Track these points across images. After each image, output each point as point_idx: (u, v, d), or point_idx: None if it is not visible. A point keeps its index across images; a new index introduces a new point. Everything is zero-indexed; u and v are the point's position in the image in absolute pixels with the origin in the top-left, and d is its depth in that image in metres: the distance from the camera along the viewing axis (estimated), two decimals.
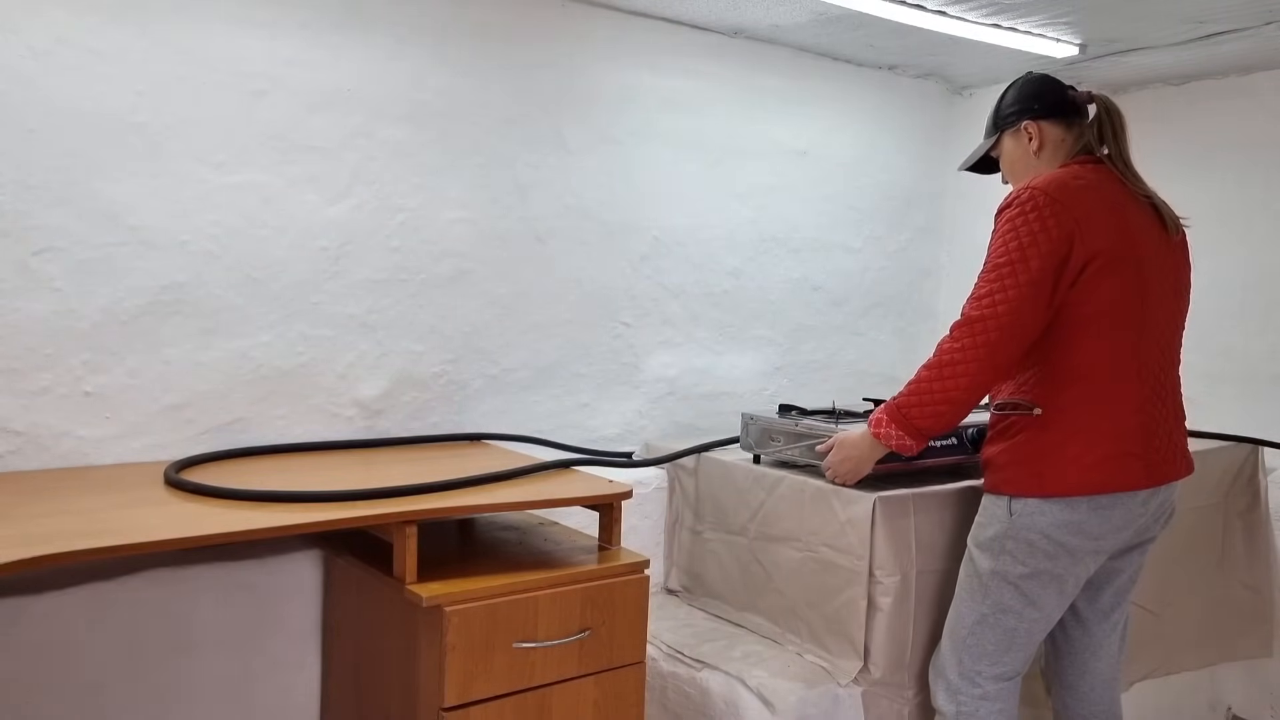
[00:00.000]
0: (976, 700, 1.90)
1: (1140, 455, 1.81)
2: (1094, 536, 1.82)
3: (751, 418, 2.38)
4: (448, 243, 2.32)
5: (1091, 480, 1.79)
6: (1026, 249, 1.75)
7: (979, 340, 1.76)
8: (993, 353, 1.75)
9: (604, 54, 2.53)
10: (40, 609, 1.84)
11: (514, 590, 1.71)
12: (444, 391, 2.34)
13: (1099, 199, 1.81)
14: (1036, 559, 1.82)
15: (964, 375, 1.76)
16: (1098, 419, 1.80)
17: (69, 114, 1.85)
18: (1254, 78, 3.00)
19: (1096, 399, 1.80)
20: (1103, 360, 1.80)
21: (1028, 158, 1.98)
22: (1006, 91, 2.05)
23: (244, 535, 1.51)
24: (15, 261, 1.83)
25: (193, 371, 2.01)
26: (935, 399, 1.80)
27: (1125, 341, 1.81)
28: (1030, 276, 1.74)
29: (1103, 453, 1.79)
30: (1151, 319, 1.85)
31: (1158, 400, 1.86)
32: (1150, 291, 1.84)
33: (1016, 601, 1.85)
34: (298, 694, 2.13)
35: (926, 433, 1.84)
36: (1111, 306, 1.79)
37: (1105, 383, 1.80)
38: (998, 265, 1.78)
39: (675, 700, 2.15)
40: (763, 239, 2.88)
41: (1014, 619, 1.86)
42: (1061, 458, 1.79)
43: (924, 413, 1.82)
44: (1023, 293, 1.74)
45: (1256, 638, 2.70)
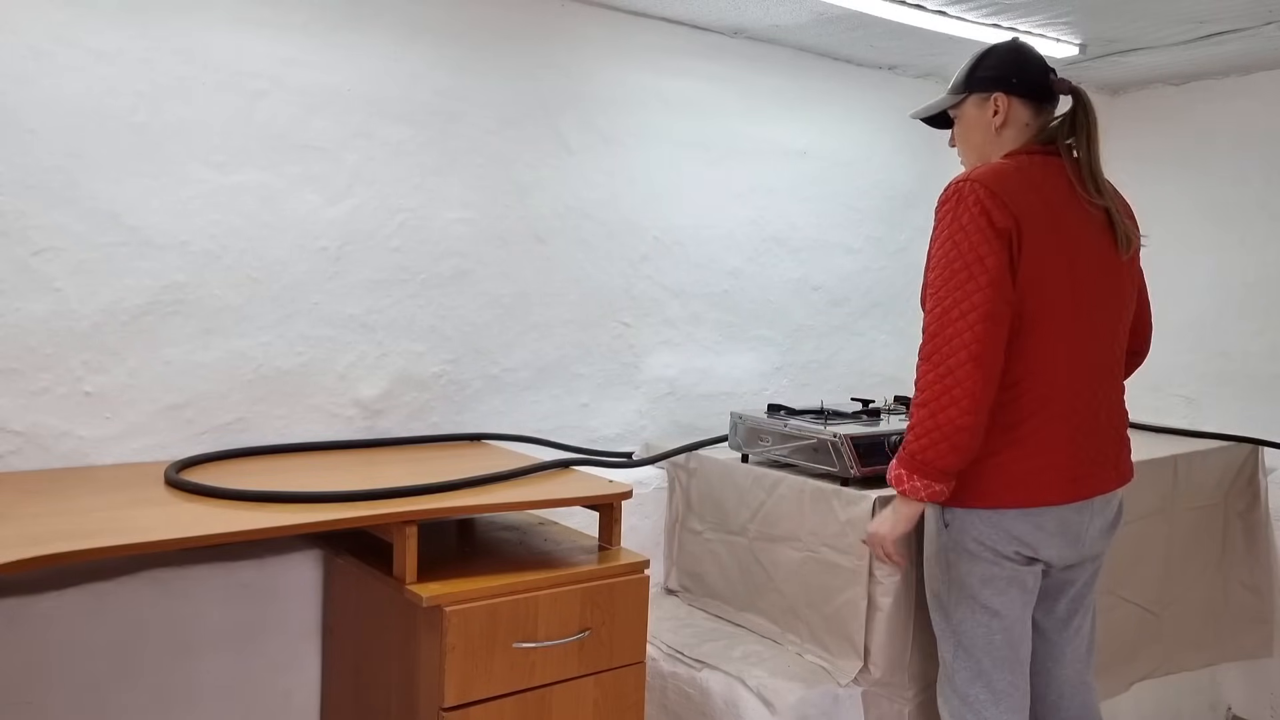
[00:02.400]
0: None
1: (1066, 468, 1.74)
2: (1029, 543, 1.76)
3: (740, 417, 2.39)
4: (448, 243, 2.32)
5: (1016, 494, 1.73)
6: (978, 246, 1.66)
7: (962, 356, 1.65)
8: (980, 364, 1.64)
9: (604, 54, 2.53)
10: (40, 609, 1.84)
11: (514, 590, 1.71)
12: (444, 391, 2.34)
13: (1037, 199, 1.71)
14: (981, 566, 1.77)
15: (963, 396, 1.65)
16: (1025, 431, 1.73)
17: (69, 114, 1.86)
18: (1254, 78, 3.00)
19: (1025, 410, 1.73)
20: (1031, 371, 1.72)
21: (987, 131, 1.87)
22: (988, 53, 1.89)
23: (244, 535, 1.51)
24: (15, 261, 1.83)
25: (193, 371, 2.01)
26: (946, 432, 1.66)
27: (1055, 352, 1.73)
28: (990, 275, 1.65)
29: (1029, 466, 1.72)
30: (1085, 330, 1.76)
31: (1090, 412, 1.78)
32: (1085, 301, 1.75)
33: (979, 614, 1.79)
34: (298, 694, 2.13)
35: (953, 471, 1.69)
36: (1041, 314, 1.71)
37: (1034, 394, 1.73)
38: (953, 271, 1.67)
39: (675, 700, 2.15)
40: (763, 239, 2.88)
41: (984, 632, 1.79)
42: (987, 470, 1.73)
43: (941, 451, 1.67)
44: (988, 294, 1.65)
45: (1256, 638, 2.70)
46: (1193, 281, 3.17)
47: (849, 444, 2.11)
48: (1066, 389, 1.74)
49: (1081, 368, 1.76)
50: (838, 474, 2.12)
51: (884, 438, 2.16)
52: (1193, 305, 3.18)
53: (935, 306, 1.70)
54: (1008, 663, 1.81)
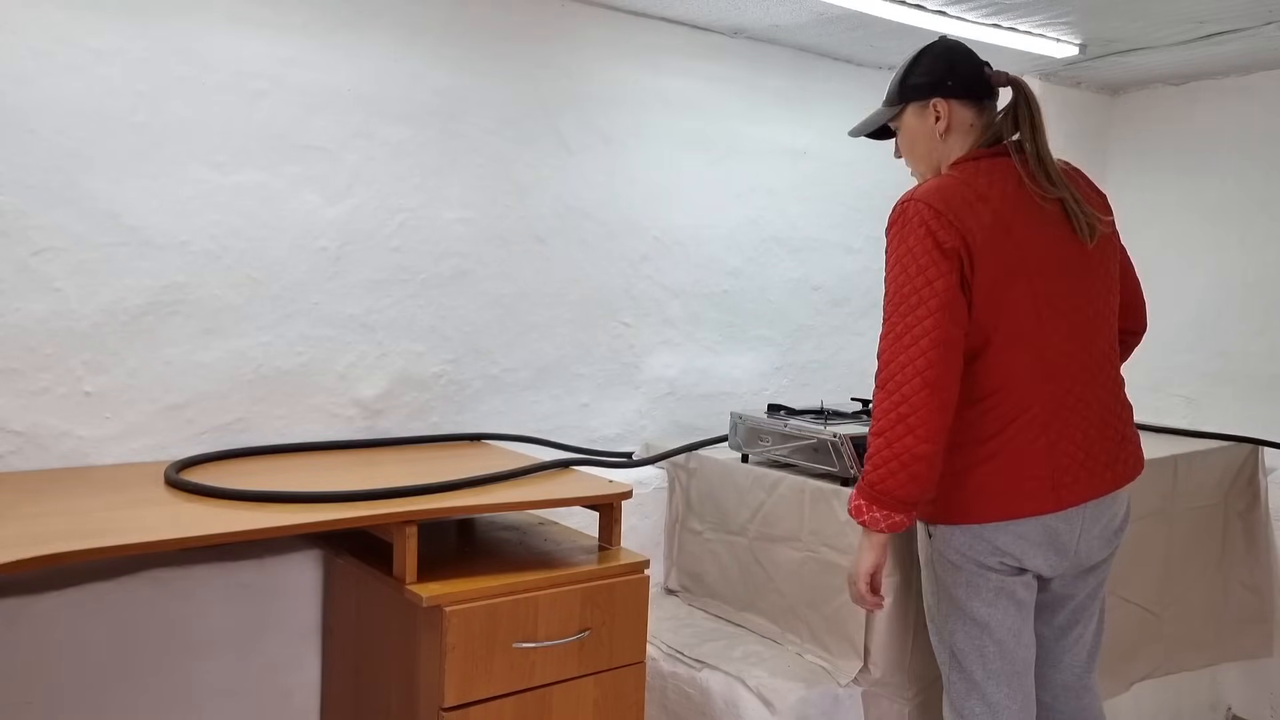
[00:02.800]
0: None
1: (1046, 477, 1.68)
2: (1012, 553, 1.71)
3: (740, 417, 2.39)
4: (448, 243, 2.32)
5: (995, 507, 1.68)
6: (926, 269, 1.62)
7: (916, 384, 1.60)
8: (935, 391, 1.60)
9: (604, 54, 2.53)
10: (40, 609, 1.84)
11: (514, 590, 1.71)
12: (444, 391, 2.34)
13: (986, 210, 1.65)
14: (964, 576, 1.74)
15: (918, 424, 1.60)
16: (1000, 443, 1.68)
17: (69, 114, 1.86)
18: (1254, 78, 3.00)
19: (998, 423, 1.68)
20: (1002, 384, 1.68)
21: (931, 138, 1.82)
22: (918, 59, 1.85)
23: (244, 535, 1.52)
24: (15, 261, 1.83)
25: (193, 371, 2.01)
26: (903, 461, 1.61)
27: (1023, 361, 1.67)
28: (940, 299, 1.61)
29: (1008, 478, 1.68)
30: (1058, 333, 1.70)
31: (1074, 416, 1.72)
32: (1053, 304, 1.69)
33: (971, 627, 1.75)
34: (298, 694, 2.13)
35: (912, 500, 1.64)
36: (1004, 326, 1.66)
37: (1007, 405, 1.68)
38: (904, 296, 1.64)
39: (675, 700, 2.15)
40: (763, 239, 2.88)
41: (975, 643, 1.75)
42: (966, 485, 1.69)
43: (899, 481, 1.62)
44: (938, 318, 1.60)
45: (1256, 638, 2.70)
46: (1193, 281, 3.17)
47: (849, 444, 2.10)
48: (1042, 396, 1.68)
49: (1058, 372, 1.70)
50: (838, 474, 2.12)
51: None
52: (1193, 305, 3.17)
53: (888, 333, 1.67)
54: (1003, 675, 1.75)
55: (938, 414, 1.61)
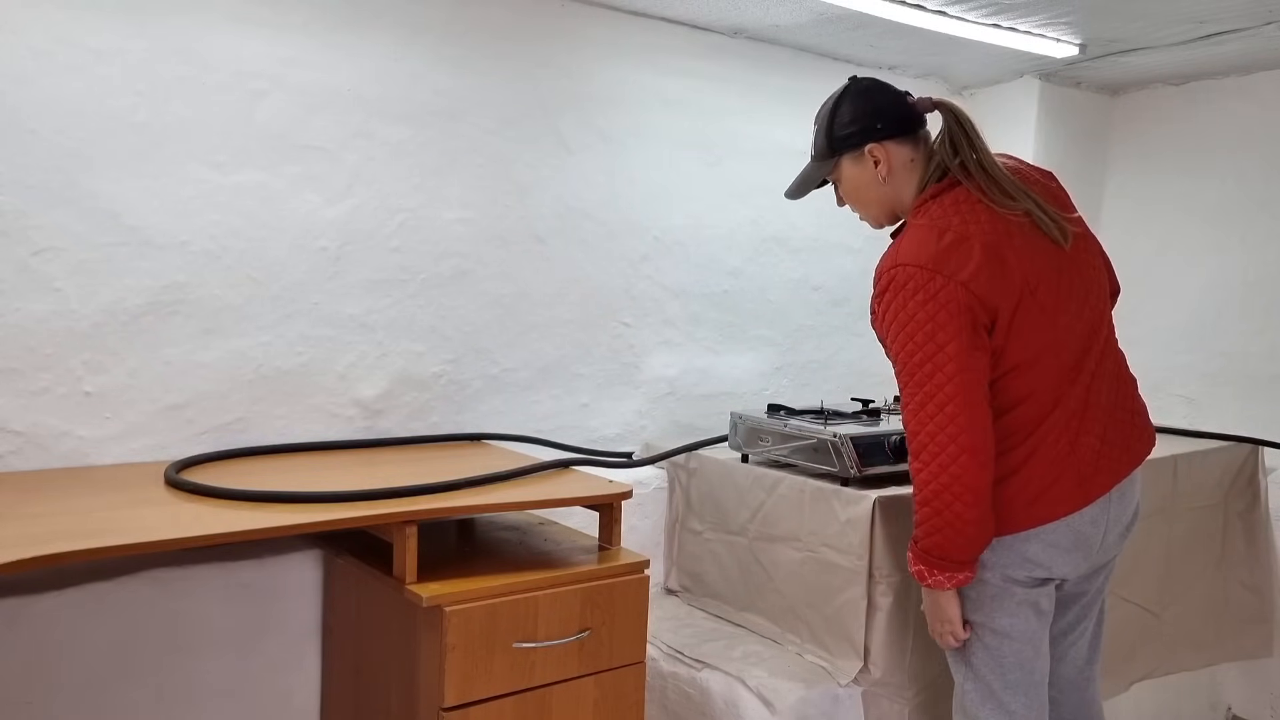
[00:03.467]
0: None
1: (1071, 474, 1.71)
2: (1042, 564, 1.73)
3: (740, 417, 2.39)
4: (448, 243, 2.32)
5: (1025, 517, 1.70)
6: (934, 335, 1.61)
7: (952, 451, 1.61)
8: (974, 454, 1.60)
9: (604, 54, 2.53)
10: (40, 609, 1.84)
11: (514, 590, 1.71)
12: (444, 391, 2.34)
13: (977, 248, 1.64)
14: (990, 589, 1.74)
15: (964, 491, 1.61)
16: (1023, 456, 1.69)
17: (69, 114, 1.86)
18: (1254, 78, 3.00)
19: (1019, 438, 1.69)
20: (1023, 397, 1.68)
21: (875, 184, 1.82)
22: (838, 106, 1.84)
23: (244, 535, 1.52)
24: (15, 261, 1.83)
25: (193, 371, 2.01)
26: (956, 528, 1.63)
27: (1041, 373, 1.69)
28: (956, 363, 1.60)
29: (1035, 487, 1.69)
30: (1068, 335, 1.71)
31: (1088, 409, 1.73)
32: (1058, 311, 1.70)
33: (991, 638, 1.76)
34: (298, 694, 2.13)
35: (970, 561, 1.67)
36: (1022, 348, 1.67)
37: (1025, 419, 1.69)
38: (916, 365, 1.64)
39: (675, 700, 2.15)
40: (763, 239, 2.88)
41: (996, 655, 1.76)
42: (996, 501, 1.68)
43: (955, 546, 1.65)
44: (958, 382, 1.60)
45: (1256, 638, 2.70)
46: (1193, 281, 3.16)
47: (849, 444, 2.11)
48: (1060, 401, 1.70)
49: (1072, 374, 1.72)
50: (838, 474, 2.12)
51: (884, 437, 2.16)
52: (1193, 305, 3.17)
53: (908, 403, 1.66)
54: (1020, 685, 1.76)
55: (979, 474, 1.61)
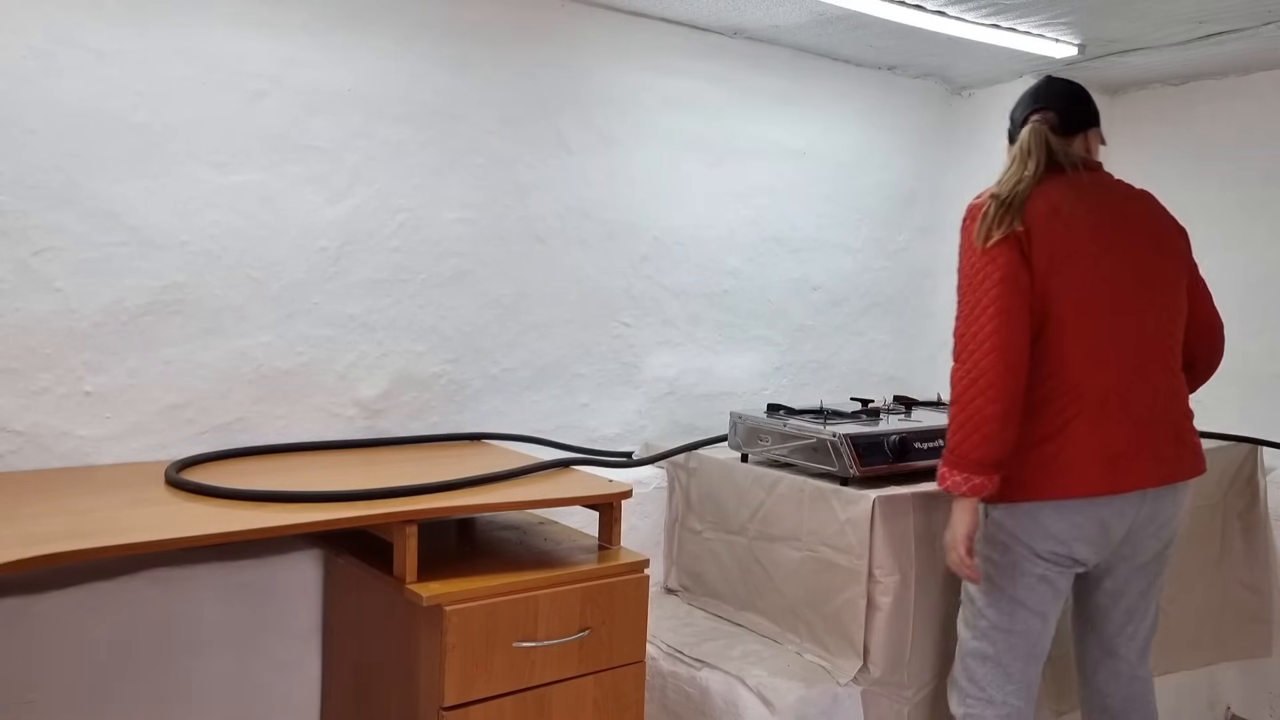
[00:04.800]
0: (983, 705, 1.90)
1: (1101, 460, 1.78)
2: (1064, 540, 1.81)
3: (740, 417, 2.39)
4: (448, 243, 2.32)
5: (1052, 485, 1.79)
6: (990, 250, 1.78)
7: (984, 349, 1.75)
8: (1003, 353, 1.74)
9: (604, 54, 2.53)
10: (40, 609, 1.84)
11: (514, 590, 1.71)
12: (444, 391, 2.34)
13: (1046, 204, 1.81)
14: (1013, 559, 1.85)
15: (988, 386, 1.74)
16: (1059, 425, 1.79)
17: (69, 114, 1.86)
18: (1254, 78, 3.01)
19: (1057, 405, 1.79)
20: (1058, 368, 1.79)
21: None
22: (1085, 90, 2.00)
23: (244, 535, 1.52)
24: (15, 261, 1.83)
25: (193, 371, 2.02)
26: (976, 423, 1.76)
27: (1080, 348, 1.79)
28: (1003, 272, 1.76)
29: (1065, 458, 1.78)
30: (1114, 324, 1.81)
31: (1128, 406, 1.81)
32: (1115, 294, 1.81)
33: (1007, 605, 1.87)
34: (298, 694, 2.13)
35: (986, 462, 1.76)
36: (1066, 313, 1.79)
37: (1066, 388, 1.79)
38: (970, 275, 1.80)
39: (675, 699, 2.15)
40: (763, 239, 2.89)
41: (1008, 622, 1.87)
42: (1025, 464, 1.80)
43: (974, 442, 1.76)
44: (1001, 289, 1.76)
45: (1256, 638, 2.70)
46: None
47: (849, 443, 2.11)
48: (1097, 384, 1.79)
49: (1114, 364, 1.81)
50: (837, 474, 2.13)
51: (883, 437, 2.16)
52: None
53: (959, 312, 1.83)
54: (1023, 653, 1.88)
55: (1006, 375, 1.74)
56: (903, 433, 2.20)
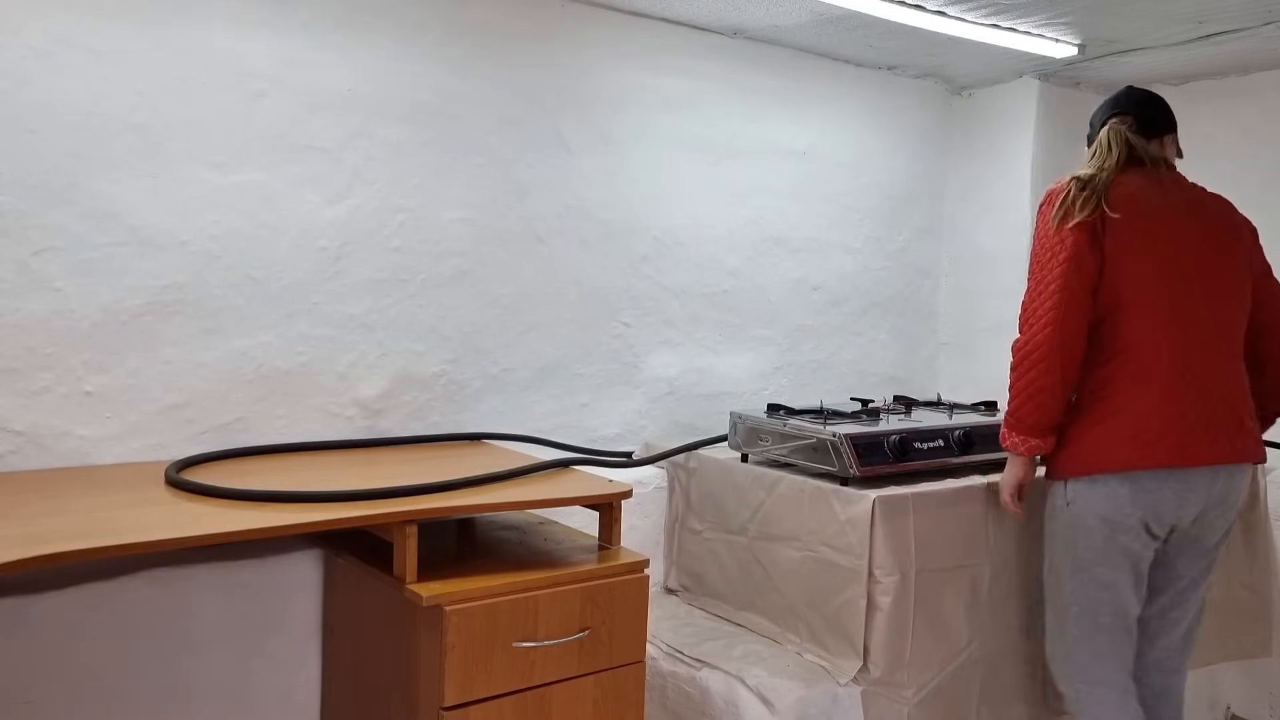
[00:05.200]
0: (1088, 685, 2.00)
1: (1166, 433, 1.89)
2: (1135, 513, 1.91)
3: (740, 417, 2.39)
4: (448, 243, 2.32)
5: (1121, 456, 1.90)
6: (1062, 231, 1.91)
7: (1043, 321, 1.89)
8: (1058, 329, 1.88)
9: (604, 54, 2.53)
10: (40, 609, 1.84)
11: (514, 590, 1.71)
12: (444, 391, 2.34)
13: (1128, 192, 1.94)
14: (1097, 540, 1.94)
15: (1041, 359, 1.90)
16: (1126, 400, 1.92)
17: (69, 114, 1.86)
18: (1253, 78, 3.01)
19: (1125, 382, 1.92)
20: (1128, 345, 1.92)
21: None
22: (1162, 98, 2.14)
23: (244, 535, 1.52)
24: (15, 261, 1.83)
25: (193, 371, 2.02)
26: (1030, 392, 1.92)
27: (1150, 329, 1.91)
28: (1069, 253, 1.89)
29: (1130, 430, 1.90)
30: (1191, 307, 1.93)
31: (1197, 387, 1.92)
32: (1185, 280, 1.93)
33: (1092, 585, 1.96)
34: (298, 693, 2.13)
35: (1042, 426, 1.94)
36: (1137, 294, 1.91)
37: (1134, 365, 1.92)
38: (1040, 254, 1.94)
39: (675, 699, 2.15)
40: (763, 239, 2.89)
41: (1095, 601, 1.97)
42: (1096, 437, 1.93)
43: (1029, 409, 1.93)
44: (1065, 267, 1.88)
45: (1256, 637, 2.70)
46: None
47: (849, 443, 2.11)
48: (1166, 363, 1.91)
49: (1182, 347, 1.92)
50: (837, 474, 2.13)
51: (883, 437, 2.17)
52: None
53: (1027, 287, 1.96)
54: (1115, 630, 1.98)
55: (1061, 350, 1.89)
56: (903, 433, 2.20)
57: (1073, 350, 1.91)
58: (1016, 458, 2.01)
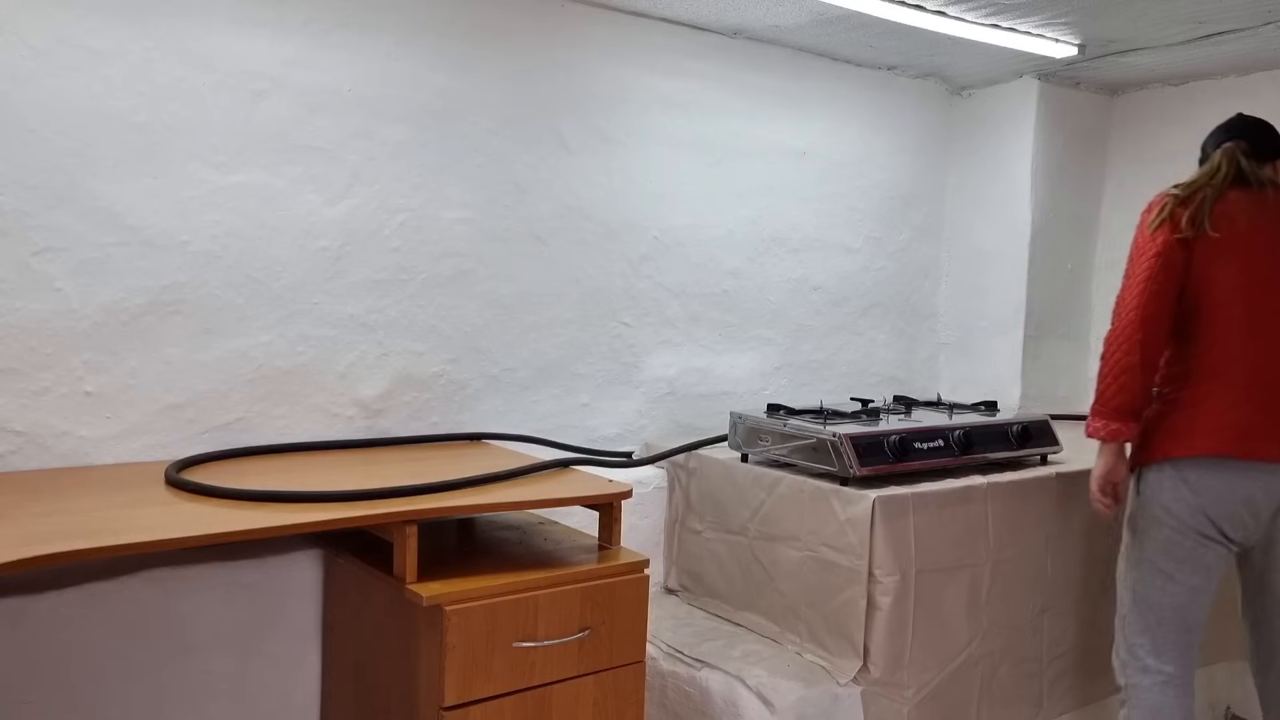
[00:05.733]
0: (1139, 674, 2.07)
1: (1236, 426, 1.98)
2: (1202, 497, 1.99)
3: (740, 417, 2.39)
4: (448, 243, 2.32)
5: (1186, 443, 2.00)
6: (1154, 234, 2.03)
7: (1129, 307, 2.01)
8: (1142, 312, 1.99)
9: (604, 54, 2.53)
10: (40, 609, 1.84)
11: (514, 590, 1.71)
12: (444, 391, 2.34)
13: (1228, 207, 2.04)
14: (1164, 532, 2.03)
15: (1126, 339, 2.01)
16: (1200, 395, 2.02)
17: (69, 114, 1.86)
18: (1253, 78, 3.01)
19: (1200, 378, 2.02)
20: (1210, 344, 2.02)
21: None
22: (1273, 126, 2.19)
23: (244, 535, 1.52)
24: (15, 261, 1.83)
25: (193, 371, 2.02)
26: (1115, 374, 2.02)
27: (1230, 327, 2.01)
28: (1158, 250, 2.01)
29: (1203, 422, 2.00)
30: (1269, 314, 2.02)
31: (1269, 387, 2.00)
32: (1265, 288, 2.02)
33: (1155, 577, 2.05)
34: (298, 693, 2.13)
35: (1127, 409, 2.03)
36: (1218, 299, 2.01)
37: (1209, 362, 2.02)
38: (1133, 255, 2.06)
39: (675, 699, 2.15)
40: (762, 239, 2.89)
41: (1157, 594, 2.05)
42: (1168, 427, 2.03)
43: (1114, 390, 2.03)
44: (1153, 263, 2.01)
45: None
46: None
47: (849, 443, 2.11)
48: (1244, 360, 2.01)
49: (1262, 346, 2.02)
50: (837, 474, 2.13)
51: (883, 437, 2.17)
52: None
53: (1121, 286, 2.07)
54: (1173, 625, 2.05)
55: (1143, 330, 2.00)
56: (903, 433, 2.20)
57: (1155, 334, 2.01)
58: (1104, 447, 2.08)
